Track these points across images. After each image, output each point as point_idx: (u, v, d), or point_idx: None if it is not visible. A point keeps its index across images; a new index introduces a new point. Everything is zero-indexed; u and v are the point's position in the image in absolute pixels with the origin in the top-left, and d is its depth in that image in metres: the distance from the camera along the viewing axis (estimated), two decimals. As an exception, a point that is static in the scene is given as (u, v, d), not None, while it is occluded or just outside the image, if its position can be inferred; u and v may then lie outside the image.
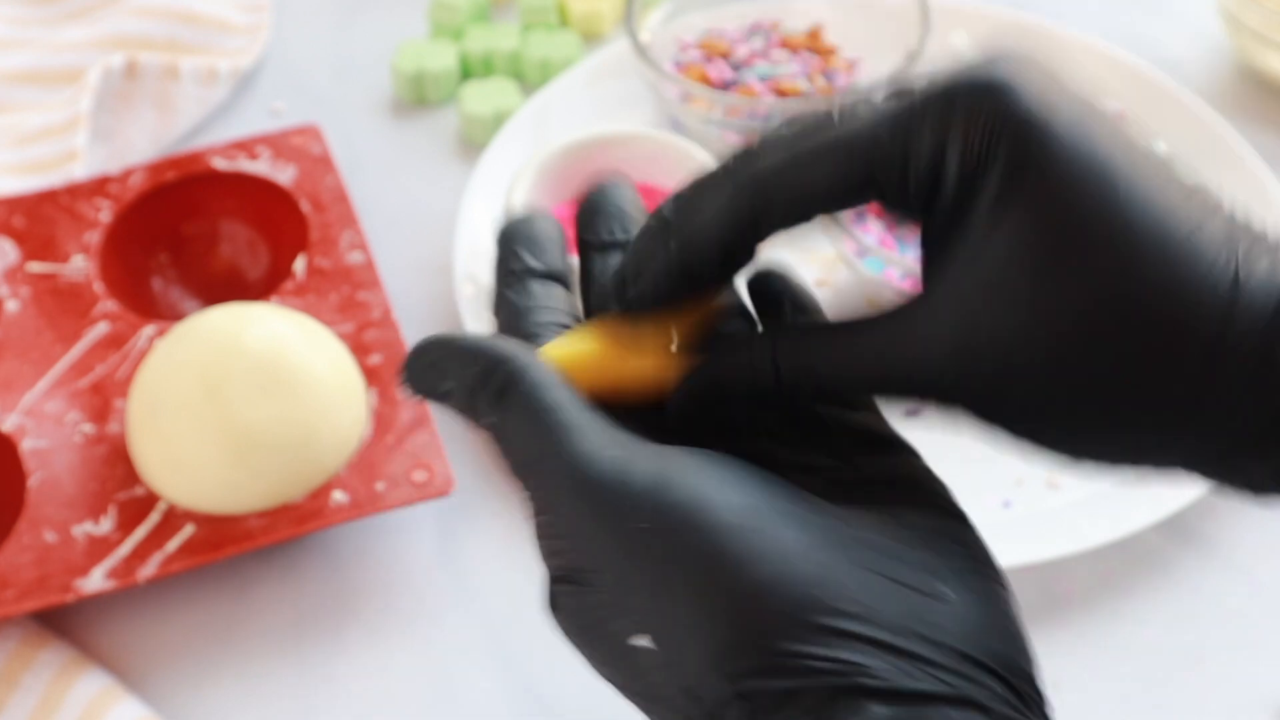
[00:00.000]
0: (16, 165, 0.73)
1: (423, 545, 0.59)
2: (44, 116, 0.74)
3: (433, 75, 0.78)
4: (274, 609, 0.57)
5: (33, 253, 0.66)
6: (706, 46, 0.77)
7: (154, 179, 0.69)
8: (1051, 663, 0.56)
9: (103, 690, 0.53)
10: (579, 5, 0.83)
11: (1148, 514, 0.58)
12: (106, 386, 0.61)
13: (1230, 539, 0.59)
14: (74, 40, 0.79)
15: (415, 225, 0.72)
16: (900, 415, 0.65)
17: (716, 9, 0.79)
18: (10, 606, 0.53)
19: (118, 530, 0.56)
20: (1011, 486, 0.60)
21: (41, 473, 0.57)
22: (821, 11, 0.79)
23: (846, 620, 0.27)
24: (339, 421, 0.56)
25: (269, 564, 0.58)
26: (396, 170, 0.76)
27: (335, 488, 0.57)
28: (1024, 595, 0.57)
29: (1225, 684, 0.55)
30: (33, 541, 0.55)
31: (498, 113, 0.76)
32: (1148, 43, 0.84)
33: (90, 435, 0.59)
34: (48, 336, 0.63)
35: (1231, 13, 0.79)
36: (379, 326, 0.63)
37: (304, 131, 0.71)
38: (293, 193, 0.68)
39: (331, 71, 0.82)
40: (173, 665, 0.56)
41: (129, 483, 0.57)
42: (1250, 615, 0.57)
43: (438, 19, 0.82)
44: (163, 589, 0.58)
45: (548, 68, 0.80)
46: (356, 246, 0.66)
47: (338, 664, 0.56)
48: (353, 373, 0.59)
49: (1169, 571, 0.58)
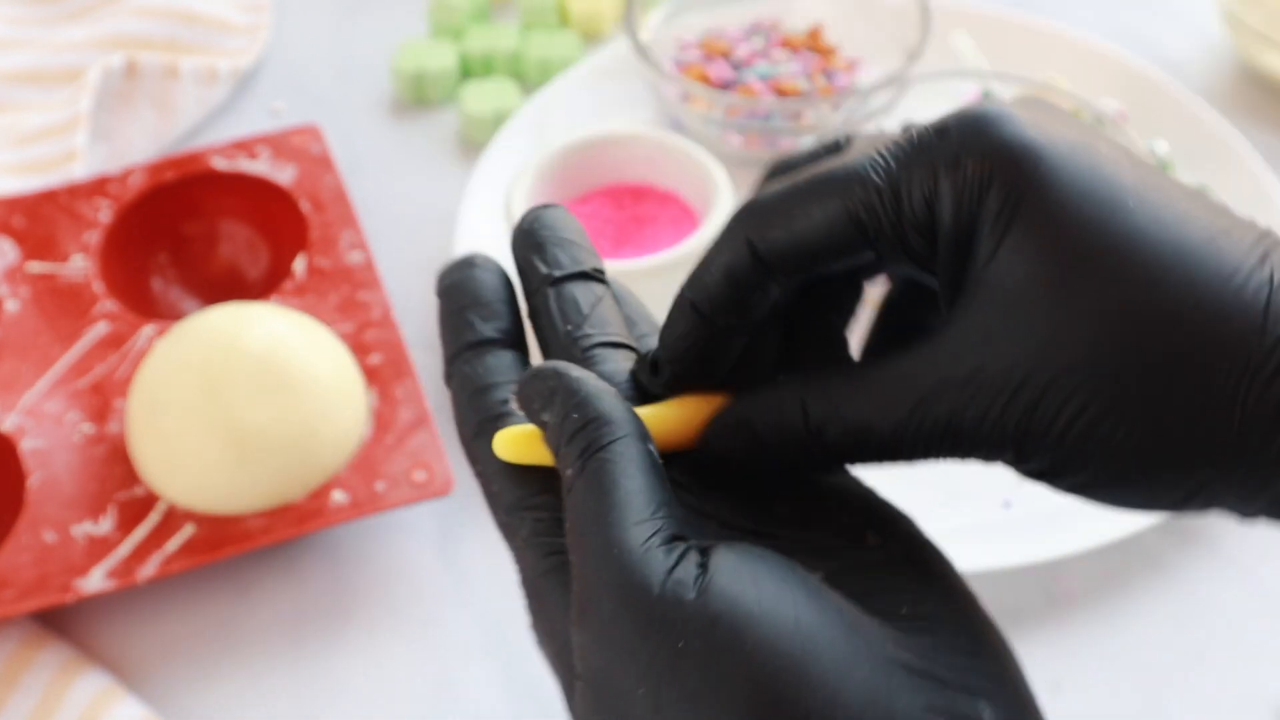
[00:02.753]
0: (16, 165, 0.73)
1: (423, 545, 0.59)
2: (44, 116, 0.74)
3: (433, 75, 0.78)
4: (274, 609, 0.57)
5: (32, 253, 0.66)
6: (706, 46, 0.77)
7: (154, 179, 0.69)
8: (1051, 663, 0.56)
9: (103, 690, 0.53)
10: (579, 5, 0.83)
11: (1148, 514, 0.58)
12: (106, 386, 0.61)
13: (1230, 539, 0.59)
14: (74, 40, 0.79)
15: (415, 225, 0.72)
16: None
17: (716, 9, 0.79)
18: (10, 606, 0.53)
19: (117, 530, 0.56)
20: (1011, 486, 0.60)
21: (41, 473, 0.57)
22: (821, 11, 0.79)
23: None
24: (339, 421, 0.56)
25: (269, 564, 0.58)
26: (396, 170, 0.76)
27: (335, 488, 0.57)
28: (1024, 595, 0.58)
29: (1225, 684, 0.55)
30: (32, 541, 0.55)
31: (498, 113, 0.76)
32: (1148, 43, 0.84)
33: (90, 435, 0.59)
34: (47, 336, 0.63)
35: (1232, 12, 0.79)
36: (379, 326, 0.63)
37: (304, 131, 0.71)
38: (292, 193, 0.68)
39: (331, 71, 0.82)
40: (173, 665, 0.56)
41: (129, 483, 0.57)
42: (1250, 615, 0.57)
43: (438, 19, 0.82)
44: (163, 589, 0.58)
45: (548, 68, 0.80)
46: (356, 246, 0.66)
47: (337, 664, 0.56)
48: (353, 373, 0.59)
49: (1169, 571, 0.58)
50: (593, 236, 0.67)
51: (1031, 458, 0.29)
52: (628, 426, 0.29)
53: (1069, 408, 0.28)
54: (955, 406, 0.29)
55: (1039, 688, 0.29)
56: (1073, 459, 0.29)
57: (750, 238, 0.31)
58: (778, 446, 0.32)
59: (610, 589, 0.27)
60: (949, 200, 0.29)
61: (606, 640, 0.28)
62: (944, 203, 0.29)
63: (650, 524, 0.28)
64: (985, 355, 0.28)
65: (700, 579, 0.27)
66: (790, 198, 0.31)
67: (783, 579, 0.28)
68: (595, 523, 0.28)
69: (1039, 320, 0.28)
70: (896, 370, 0.30)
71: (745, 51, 0.76)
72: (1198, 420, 0.27)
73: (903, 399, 0.30)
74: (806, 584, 0.28)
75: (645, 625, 0.27)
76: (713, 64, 0.75)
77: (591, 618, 0.28)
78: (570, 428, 0.29)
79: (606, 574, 0.28)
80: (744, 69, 0.75)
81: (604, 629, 0.28)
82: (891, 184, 0.30)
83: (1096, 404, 0.27)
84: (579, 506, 0.29)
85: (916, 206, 0.29)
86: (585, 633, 0.28)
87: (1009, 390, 0.28)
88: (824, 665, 0.26)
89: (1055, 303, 0.28)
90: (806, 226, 0.30)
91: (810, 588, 0.28)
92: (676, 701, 0.27)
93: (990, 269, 0.28)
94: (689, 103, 0.72)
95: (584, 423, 0.29)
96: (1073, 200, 0.28)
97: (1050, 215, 0.28)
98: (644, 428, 0.30)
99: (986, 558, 0.56)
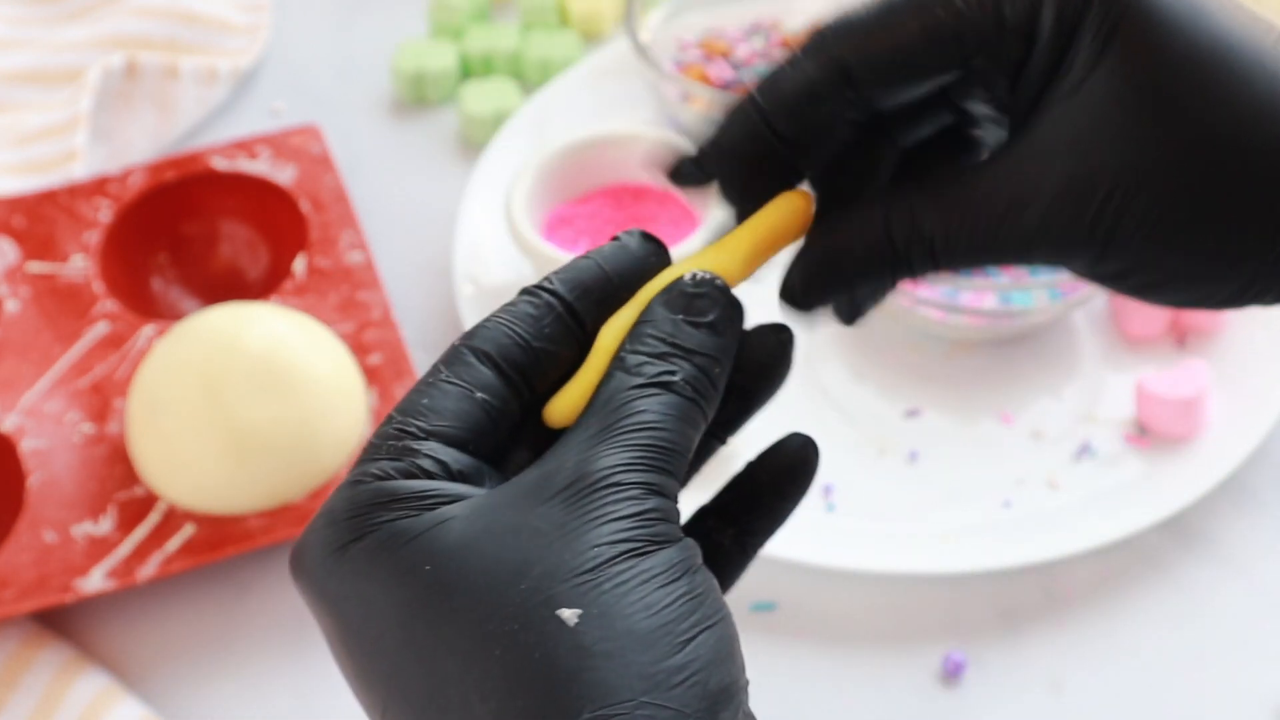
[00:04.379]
0: (16, 165, 0.73)
1: (423, 545, 0.59)
2: (44, 116, 0.74)
3: (433, 75, 0.78)
4: (274, 609, 0.57)
5: (32, 253, 0.66)
6: (706, 46, 0.77)
7: (154, 179, 0.69)
8: (1051, 663, 0.56)
9: (103, 690, 0.53)
10: (579, 5, 0.83)
11: (1148, 514, 0.58)
12: (106, 386, 0.61)
13: (1230, 539, 0.59)
14: (74, 40, 0.79)
15: (415, 225, 0.72)
16: (901, 417, 0.66)
17: (716, 9, 0.79)
18: (10, 606, 0.53)
19: (117, 530, 0.56)
20: (1012, 486, 0.60)
21: (41, 473, 0.57)
22: (821, 11, 0.79)
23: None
24: (339, 421, 0.56)
25: (269, 564, 0.58)
26: (396, 170, 0.76)
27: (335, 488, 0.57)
28: (1024, 595, 0.58)
29: (1225, 684, 0.55)
30: (32, 541, 0.55)
31: (498, 113, 0.76)
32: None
33: (90, 435, 0.59)
34: (47, 336, 0.63)
35: (1231, 13, 0.79)
36: (379, 326, 0.63)
37: (304, 131, 0.71)
38: (292, 193, 0.68)
39: (331, 71, 0.82)
40: (173, 665, 0.56)
41: (129, 483, 0.57)
42: (1250, 615, 0.57)
43: (438, 19, 0.82)
44: (163, 589, 0.57)
45: (548, 68, 0.80)
46: (356, 246, 0.66)
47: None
48: (353, 373, 0.59)
49: (1169, 571, 0.58)
50: (593, 237, 0.67)
51: (1110, 259, 0.31)
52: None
53: (1153, 213, 0.30)
54: (1048, 211, 0.30)
55: (1039, 687, 0.29)
56: (1146, 261, 0.31)
57: (841, 53, 0.31)
58: (865, 278, 0.32)
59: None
60: (1052, 8, 0.30)
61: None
62: (1048, 10, 0.30)
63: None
64: (1078, 161, 0.30)
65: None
66: (888, 13, 0.31)
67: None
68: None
69: (1134, 130, 0.30)
70: (982, 183, 0.31)
71: (745, 51, 0.76)
72: (1257, 225, 0.29)
73: (994, 205, 0.31)
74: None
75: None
76: (713, 64, 0.75)
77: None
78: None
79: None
80: (744, 69, 0.75)
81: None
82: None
83: (1179, 211, 0.30)
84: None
85: (1021, 12, 0.30)
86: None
87: (1100, 195, 0.30)
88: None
89: (1152, 116, 0.29)
90: (904, 38, 0.31)
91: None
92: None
93: (1088, 81, 0.30)
94: (689, 103, 0.72)
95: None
96: (1168, 21, 0.29)
97: (1149, 34, 0.30)
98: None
99: (986, 558, 0.56)
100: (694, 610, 0.27)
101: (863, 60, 0.31)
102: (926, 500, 0.60)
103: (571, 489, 0.27)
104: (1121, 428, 0.62)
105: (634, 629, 0.26)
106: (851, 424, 0.63)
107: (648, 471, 0.28)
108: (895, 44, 0.31)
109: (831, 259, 0.32)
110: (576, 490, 0.27)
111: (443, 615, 0.26)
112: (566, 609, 0.26)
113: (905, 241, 0.32)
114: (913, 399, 0.64)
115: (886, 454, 0.62)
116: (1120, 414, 0.62)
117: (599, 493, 0.27)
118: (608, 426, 0.28)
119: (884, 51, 0.31)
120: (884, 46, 0.31)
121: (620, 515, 0.27)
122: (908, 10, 0.31)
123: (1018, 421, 0.63)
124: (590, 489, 0.27)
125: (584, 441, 0.28)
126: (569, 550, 0.26)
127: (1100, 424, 0.62)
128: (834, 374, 0.65)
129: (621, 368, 0.29)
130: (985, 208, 0.31)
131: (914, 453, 0.62)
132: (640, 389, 0.29)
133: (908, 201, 0.32)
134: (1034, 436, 0.62)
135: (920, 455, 0.62)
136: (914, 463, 0.61)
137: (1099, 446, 0.61)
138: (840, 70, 0.31)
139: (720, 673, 0.26)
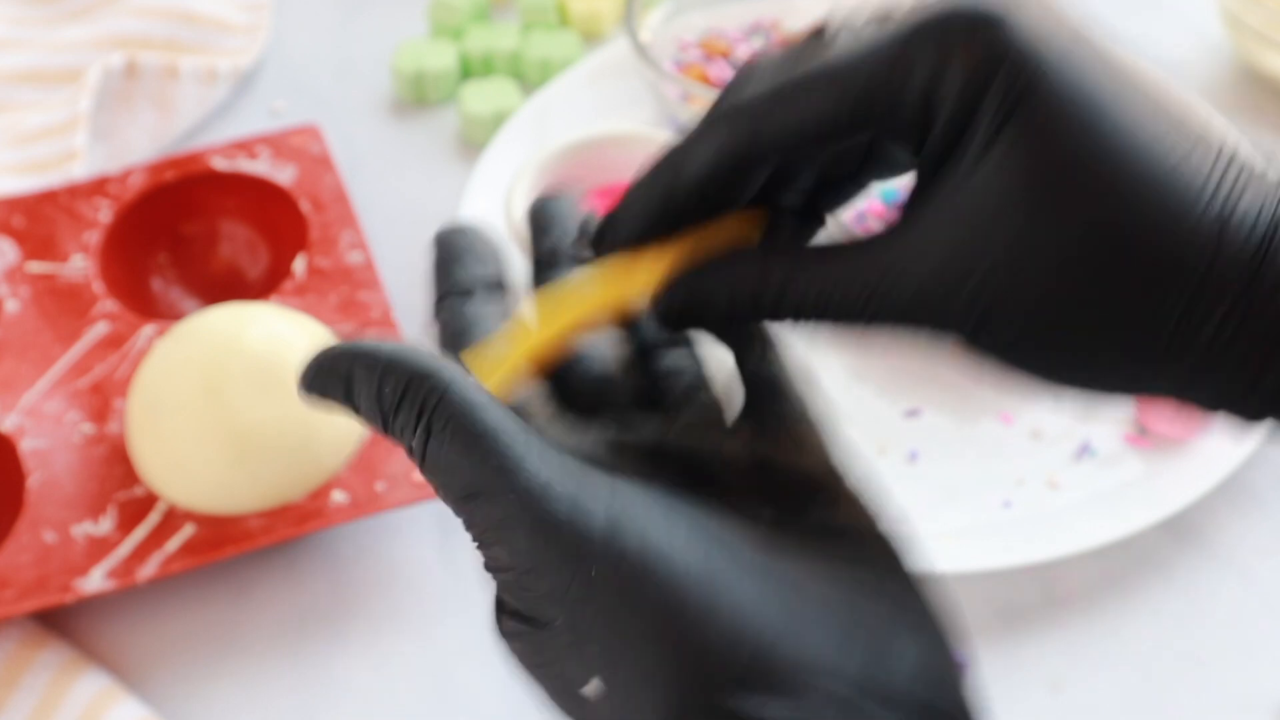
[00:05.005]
0: (16, 165, 0.73)
1: (423, 545, 0.59)
2: (44, 116, 0.74)
3: (433, 75, 0.78)
4: (274, 609, 0.57)
5: (32, 252, 0.66)
6: (706, 46, 0.77)
7: (154, 179, 0.69)
8: (1051, 663, 0.56)
9: (103, 690, 0.53)
10: (579, 5, 0.83)
11: (1148, 514, 0.58)
12: (106, 386, 0.61)
13: (1230, 539, 0.59)
14: (74, 40, 0.79)
15: (415, 225, 0.72)
16: (900, 416, 0.66)
17: (716, 9, 0.79)
18: (10, 606, 0.53)
19: (117, 530, 0.56)
20: (1012, 486, 0.60)
21: (41, 473, 0.57)
22: (821, 11, 0.79)
23: (802, 675, 0.27)
24: (339, 421, 0.56)
25: (269, 564, 0.58)
26: (396, 170, 0.76)
27: (335, 488, 0.57)
28: (1024, 595, 0.58)
29: (1225, 684, 0.55)
30: (32, 541, 0.55)
31: (498, 113, 0.76)
32: (1148, 43, 0.83)
33: (90, 435, 0.59)
34: (47, 336, 0.63)
35: (1232, 12, 0.79)
36: (379, 326, 0.63)
37: (304, 131, 0.71)
38: (292, 193, 0.68)
39: (331, 71, 0.82)
40: (173, 665, 0.56)
41: (129, 483, 0.57)
42: (1250, 615, 0.57)
43: (438, 19, 0.82)
44: (163, 589, 0.57)
45: (548, 68, 0.80)
46: (356, 246, 0.66)
47: (338, 664, 0.56)
48: (353, 373, 0.59)
49: (1169, 571, 0.58)
50: (593, 236, 0.67)
51: (983, 337, 0.30)
52: (451, 370, 0.29)
53: (1032, 300, 0.29)
54: (924, 283, 0.30)
55: (1039, 688, 0.29)
56: (1022, 343, 0.30)
57: (750, 124, 0.31)
58: (732, 300, 0.32)
59: (526, 532, 0.28)
60: (956, 86, 0.29)
61: (523, 577, 0.28)
62: (949, 88, 0.29)
63: (540, 458, 0.28)
64: (964, 239, 0.29)
65: (610, 508, 0.28)
66: (793, 86, 0.31)
67: (688, 507, 0.30)
68: (485, 479, 0.28)
69: (1020, 219, 0.29)
70: (862, 254, 0.31)
71: (745, 52, 0.76)
72: (1142, 327, 0.29)
73: (871, 269, 0.31)
74: (715, 516, 0.30)
75: (564, 556, 0.28)
76: (713, 64, 0.75)
77: (513, 556, 0.28)
78: (388, 397, 0.29)
79: (517, 517, 0.28)
80: (744, 69, 0.75)
81: (520, 563, 0.28)
82: (897, 75, 0.30)
83: (1059, 302, 0.29)
84: (453, 468, 0.28)
85: (919, 89, 0.30)
86: (506, 573, 0.29)
87: (979, 275, 0.29)
88: (731, 590, 0.28)
89: (1038, 207, 0.29)
90: (808, 112, 0.31)
91: (721, 519, 0.30)
92: (597, 630, 0.28)
93: (979, 165, 0.29)
94: (689, 103, 0.72)
95: (405, 388, 0.29)
96: (1064, 112, 0.29)
97: (1044, 125, 0.29)
98: (460, 368, 0.30)
99: (986, 558, 0.56)
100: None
101: (770, 134, 0.31)
102: (926, 500, 0.60)
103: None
104: (1121, 427, 0.62)
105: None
106: (851, 424, 0.63)
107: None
108: (800, 118, 0.31)
109: (700, 301, 0.33)
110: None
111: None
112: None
113: (774, 302, 0.32)
114: (912, 399, 0.64)
115: (886, 454, 0.62)
116: (1120, 414, 0.62)
117: None
118: None
119: (788, 126, 0.31)
120: (789, 120, 0.31)
121: None
122: (814, 83, 0.31)
123: (1017, 421, 0.63)
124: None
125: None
126: None
127: (1100, 424, 0.62)
128: (833, 374, 0.65)
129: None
130: (863, 274, 0.31)
131: (914, 453, 0.62)
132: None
133: (786, 259, 0.32)
134: (1034, 436, 0.62)
135: (920, 455, 0.62)
136: (914, 463, 0.61)
137: (1099, 446, 0.61)
138: (745, 145, 0.31)
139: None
